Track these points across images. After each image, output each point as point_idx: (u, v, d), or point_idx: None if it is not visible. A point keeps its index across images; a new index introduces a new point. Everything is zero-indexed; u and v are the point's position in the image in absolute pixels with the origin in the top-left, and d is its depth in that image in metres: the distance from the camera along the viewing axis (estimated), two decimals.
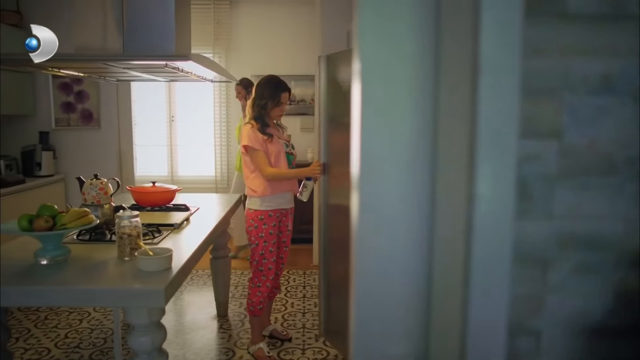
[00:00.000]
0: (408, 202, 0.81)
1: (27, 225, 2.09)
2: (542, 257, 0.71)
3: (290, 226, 3.34)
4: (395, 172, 0.81)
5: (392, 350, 0.85)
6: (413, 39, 0.73)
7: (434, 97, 0.74)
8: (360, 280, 0.84)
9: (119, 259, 2.20)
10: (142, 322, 2.00)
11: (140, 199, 3.16)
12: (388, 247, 0.85)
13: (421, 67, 0.78)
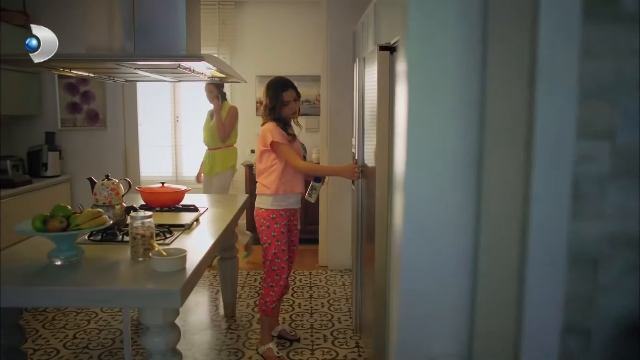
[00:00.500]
0: (454, 203, 0.81)
1: (41, 226, 2.09)
2: (593, 256, 0.70)
3: (298, 225, 3.35)
4: (441, 174, 0.81)
5: (436, 350, 0.84)
6: (460, 43, 0.73)
7: (480, 101, 0.74)
8: (405, 280, 0.84)
9: (132, 260, 2.20)
10: (156, 322, 2.00)
11: (150, 200, 3.15)
12: (433, 248, 0.85)
13: (468, 71, 0.78)
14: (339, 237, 5.03)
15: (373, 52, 2.62)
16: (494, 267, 0.75)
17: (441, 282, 0.89)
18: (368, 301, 3.00)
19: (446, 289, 0.89)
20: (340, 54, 4.78)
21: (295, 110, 3.16)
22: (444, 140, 1.19)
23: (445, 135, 1.18)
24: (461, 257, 0.94)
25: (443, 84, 1.23)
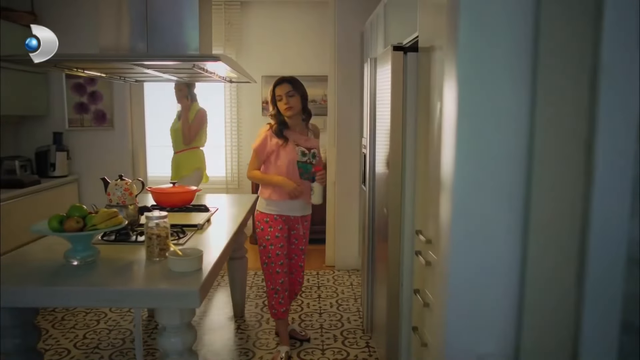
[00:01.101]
0: (504, 203, 0.81)
1: (57, 226, 2.09)
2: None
3: (306, 233, 3.31)
4: (491, 173, 0.81)
5: (484, 350, 0.84)
6: (511, 46, 0.73)
7: (532, 101, 0.74)
8: (453, 280, 0.84)
9: (148, 260, 2.20)
10: (173, 322, 2.00)
11: (161, 200, 3.15)
12: (482, 248, 0.85)
13: (519, 73, 0.78)
14: (346, 237, 5.03)
15: (386, 53, 2.62)
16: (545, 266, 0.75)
17: (489, 281, 0.90)
18: (379, 301, 3.00)
19: (494, 288, 0.89)
20: (348, 54, 4.78)
21: (288, 105, 3.05)
22: (494, 141, 1.20)
23: (495, 136, 1.20)
24: (510, 256, 0.95)
25: (493, 85, 1.24)
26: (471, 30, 1.26)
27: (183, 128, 4.45)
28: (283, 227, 3.16)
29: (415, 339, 2.45)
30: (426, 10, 2.36)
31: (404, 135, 2.54)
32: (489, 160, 1.16)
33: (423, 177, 2.38)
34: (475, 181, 1.04)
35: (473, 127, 1.24)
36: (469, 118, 1.25)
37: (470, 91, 1.25)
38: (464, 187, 1.06)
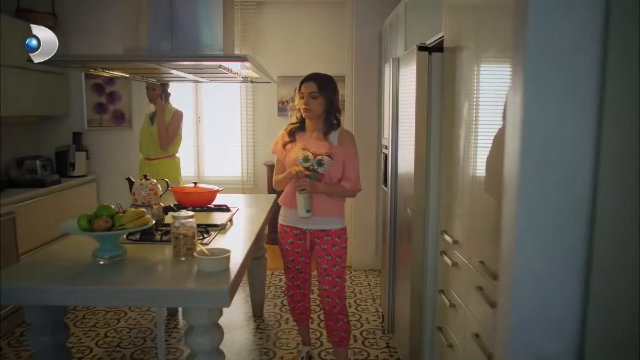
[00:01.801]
0: (569, 204, 0.81)
1: (86, 225, 2.11)
2: None
3: (331, 251, 2.84)
4: (556, 172, 0.80)
5: (547, 350, 0.84)
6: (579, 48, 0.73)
7: (600, 102, 0.73)
8: (518, 280, 0.83)
9: (175, 259, 2.21)
10: (202, 322, 2.01)
11: (183, 199, 3.17)
12: (546, 248, 0.85)
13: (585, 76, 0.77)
14: (363, 238, 5.03)
15: (411, 53, 2.61)
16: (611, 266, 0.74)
17: (554, 283, 0.90)
18: (402, 301, 2.99)
19: (559, 289, 0.89)
20: (366, 54, 4.78)
21: (307, 107, 2.77)
22: (560, 140, 1.20)
23: (561, 142, 1.20)
24: (575, 255, 0.94)
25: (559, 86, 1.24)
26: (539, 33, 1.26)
27: (160, 132, 4.11)
28: (294, 241, 2.90)
29: (440, 340, 2.44)
30: (451, 11, 2.36)
31: (428, 135, 2.54)
32: (554, 165, 1.16)
33: (448, 178, 2.38)
34: (540, 185, 1.05)
35: (539, 134, 1.24)
36: (534, 124, 1.25)
37: (536, 97, 1.25)
38: (529, 191, 1.07)
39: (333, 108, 2.83)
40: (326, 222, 2.83)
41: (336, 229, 2.84)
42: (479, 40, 1.95)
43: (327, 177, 2.77)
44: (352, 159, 2.81)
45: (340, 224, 2.87)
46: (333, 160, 2.76)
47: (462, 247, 2.16)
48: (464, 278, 2.14)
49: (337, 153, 2.78)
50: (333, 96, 2.83)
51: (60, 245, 2.49)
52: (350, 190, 2.84)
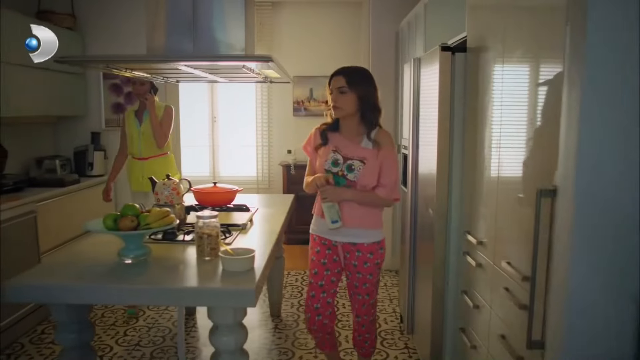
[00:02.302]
0: (625, 202, 0.80)
1: (112, 225, 2.12)
2: None
3: (362, 268, 2.58)
4: (616, 177, 0.80)
5: (601, 350, 0.83)
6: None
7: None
8: (574, 282, 0.83)
9: (199, 259, 2.22)
10: (227, 322, 2.02)
11: (202, 199, 3.18)
12: (603, 251, 0.84)
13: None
14: None
15: (433, 53, 2.61)
16: None
17: (609, 283, 0.89)
18: (422, 302, 2.99)
19: (615, 291, 0.88)
20: (382, 54, 4.77)
21: (335, 104, 2.50)
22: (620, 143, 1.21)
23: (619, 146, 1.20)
24: (629, 260, 0.95)
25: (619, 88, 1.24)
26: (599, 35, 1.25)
27: (154, 128, 3.84)
28: (321, 250, 2.62)
29: (462, 341, 2.44)
30: (475, 11, 2.35)
31: (451, 135, 2.53)
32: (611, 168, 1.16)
33: (471, 178, 2.37)
34: (598, 192, 1.05)
35: (596, 136, 1.23)
36: (593, 126, 1.25)
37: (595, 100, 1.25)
38: (585, 193, 1.07)
39: (369, 105, 2.51)
40: (357, 235, 2.55)
41: (369, 243, 2.55)
42: (505, 40, 1.94)
43: (359, 184, 2.48)
44: (389, 163, 2.51)
45: (375, 236, 2.57)
46: (366, 165, 2.47)
47: (487, 248, 2.15)
48: (488, 279, 2.13)
49: (372, 157, 2.48)
50: (367, 91, 2.50)
51: (84, 244, 2.50)
52: (385, 199, 2.53)
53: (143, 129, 3.90)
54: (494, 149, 2.05)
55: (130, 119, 3.98)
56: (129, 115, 4.00)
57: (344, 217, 2.52)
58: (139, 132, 3.92)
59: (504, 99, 1.97)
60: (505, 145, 1.95)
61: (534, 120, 1.70)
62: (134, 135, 3.93)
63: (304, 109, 6.15)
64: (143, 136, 3.90)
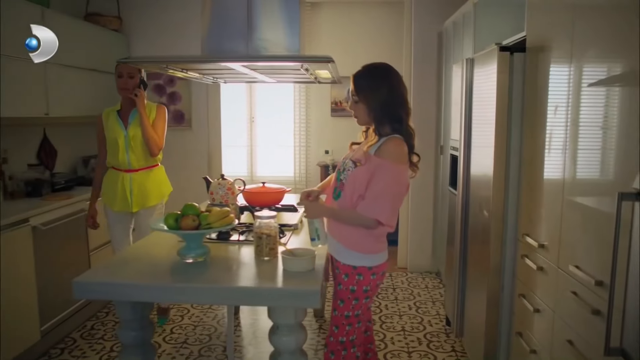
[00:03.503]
0: None
1: (174, 224, 2.15)
2: None
3: (334, 285, 2.29)
4: None
5: None
6: None
7: None
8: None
9: (257, 259, 2.23)
10: (288, 322, 2.03)
11: (251, 199, 3.19)
12: None
13: None
14: (419, 239, 4.99)
15: (490, 53, 2.57)
16: None
17: None
18: (473, 305, 2.95)
19: None
20: (424, 54, 4.74)
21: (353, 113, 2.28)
22: None
23: None
24: None
25: None
26: None
27: (147, 133, 3.22)
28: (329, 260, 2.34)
29: (520, 345, 2.40)
30: (537, 11, 2.32)
31: (508, 136, 2.50)
32: None
33: (531, 180, 2.33)
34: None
35: None
36: None
37: None
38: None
39: (384, 109, 2.11)
40: (337, 250, 2.19)
41: (344, 264, 2.16)
42: (575, 40, 1.90)
43: (345, 188, 2.13)
44: (380, 176, 2.04)
45: (351, 259, 2.14)
46: (357, 168, 2.09)
47: (549, 251, 2.12)
48: (552, 283, 2.09)
49: (366, 162, 2.08)
50: (375, 95, 2.12)
51: (142, 243, 2.53)
52: (363, 216, 2.05)
53: (132, 134, 3.25)
54: (560, 150, 2.02)
55: (111, 121, 3.30)
56: (109, 117, 3.33)
57: (329, 225, 2.25)
58: (125, 138, 3.24)
59: (571, 100, 1.93)
60: (575, 147, 1.91)
61: (611, 122, 1.67)
62: (119, 141, 3.24)
63: (342, 110, 6.15)
64: (132, 142, 3.24)
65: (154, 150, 3.29)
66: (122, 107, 3.34)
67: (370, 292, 2.19)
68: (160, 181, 3.47)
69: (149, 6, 4.81)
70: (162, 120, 3.39)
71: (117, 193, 3.29)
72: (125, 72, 3.26)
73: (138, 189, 3.30)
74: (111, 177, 3.32)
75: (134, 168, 3.29)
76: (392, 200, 2.07)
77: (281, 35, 2.59)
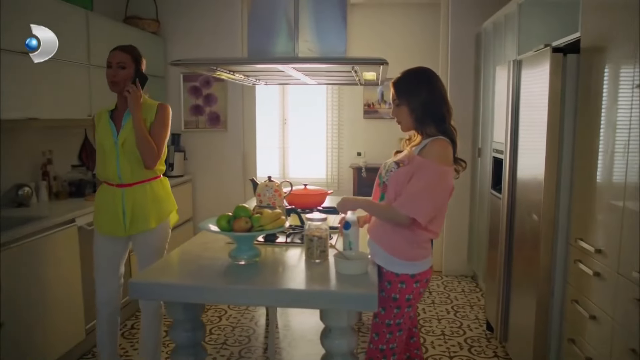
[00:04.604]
0: None
1: (226, 226, 2.15)
2: None
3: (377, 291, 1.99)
4: None
5: None
6: None
7: None
8: None
9: (308, 261, 2.22)
10: (341, 325, 2.01)
11: (294, 201, 3.18)
12: None
13: None
14: (454, 242, 4.94)
15: (542, 55, 2.53)
16: None
17: None
18: (520, 310, 2.91)
19: None
20: (461, 56, 4.70)
21: (396, 119, 2.22)
22: None
23: None
24: None
25: None
26: None
27: (140, 137, 2.58)
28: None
29: (572, 352, 2.36)
30: (594, 11, 2.27)
31: (560, 140, 2.45)
32: None
33: (585, 184, 2.29)
34: None
35: None
36: None
37: None
38: None
39: (426, 108, 2.08)
40: (377, 255, 2.14)
41: (387, 271, 2.10)
42: None
43: (388, 189, 2.09)
44: (420, 175, 1.99)
45: (395, 266, 2.08)
46: (399, 168, 2.06)
47: (607, 256, 2.07)
48: (610, 289, 2.05)
49: (409, 162, 2.05)
50: (418, 98, 2.09)
51: (191, 245, 2.53)
52: (399, 213, 1.98)
53: (122, 139, 2.62)
54: (621, 154, 1.98)
55: (102, 123, 2.69)
56: (100, 119, 2.72)
57: (372, 231, 2.21)
58: (115, 145, 2.62)
59: (634, 102, 1.89)
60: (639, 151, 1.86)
61: None
62: (107, 149, 2.63)
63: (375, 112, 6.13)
64: (123, 150, 2.63)
65: (148, 162, 2.63)
66: (117, 106, 2.72)
67: (412, 301, 2.15)
68: (161, 198, 2.79)
69: (186, 9, 4.85)
70: (162, 123, 2.72)
71: (108, 212, 2.68)
72: (114, 61, 2.64)
73: (132, 208, 2.66)
74: (102, 193, 2.73)
75: (126, 182, 2.64)
76: (431, 200, 1.99)
77: (329, 36, 2.58)
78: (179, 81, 4.98)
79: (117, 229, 2.69)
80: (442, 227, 2.17)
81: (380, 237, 2.15)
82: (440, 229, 2.15)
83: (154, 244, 2.80)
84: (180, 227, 4.65)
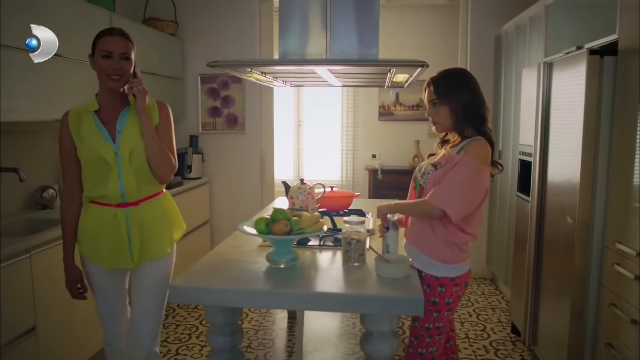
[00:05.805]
0: None
1: (265, 229, 2.14)
2: None
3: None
4: None
5: None
6: None
7: None
8: None
9: (345, 264, 2.21)
10: (383, 329, 2.00)
11: (322, 204, 3.17)
12: None
13: None
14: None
15: (577, 57, 2.52)
16: None
17: None
18: (550, 314, 2.89)
19: None
20: (481, 58, 4.68)
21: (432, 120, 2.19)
22: None
23: None
24: None
25: None
26: None
27: (154, 147, 2.10)
28: None
29: (610, 355, 2.34)
30: (632, 11, 2.26)
31: (596, 142, 2.44)
32: None
33: (623, 186, 2.27)
34: None
35: None
36: None
37: None
38: None
39: (467, 110, 2.07)
40: (416, 258, 2.13)
41: (426, 274, 2.09)
42: None
43: (425, 191, 2.08)
44: (455, 171, 1.98)
45: (434, 270, 2.08)
46: (437, 170, 2.07)
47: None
48: None
49: (446, 163, 2.03)
50: (459, 98, 2.08)
51: (223, 248, 2.52)
52: (430, 205, 1.97)
53: (129, 149, 2.09)
54: None
55: (87, 128, 2.09)
56: (81, 121, 2.11)
57: (409, 235, 2.20)
58: (116, 155, 2.07)
59: None
60: None
61: None
62: (108, 160, 2.06)
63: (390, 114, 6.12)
64: (129, 163, 2.09)
65: (166, 176, 2.18)
66: (102, 105, 2.13)
67: (452, 304, 2.14)
68: (172, 216, 2.32)
69: (204, 11, 4.84)
70: (168, 125, 2.26)
71: (108, 240, 2.11)
72: (117, 50, 2.07)
73: (140, 231, 2.14)
74: (94, 216, 2.13)
75: (130, 200, 2.11)
76: (464, 195, 1.96)
77: (363, 38, 2.57)
78: (196, 83, 4.96)
79: (122, 259, 2.14)
80: (479, 229, 2.16)
81: (418, 240, 2.14)
82: (478, 232, 2.15)
83: (164, 275, 2.25)
84: (197, 230, 4.65)
